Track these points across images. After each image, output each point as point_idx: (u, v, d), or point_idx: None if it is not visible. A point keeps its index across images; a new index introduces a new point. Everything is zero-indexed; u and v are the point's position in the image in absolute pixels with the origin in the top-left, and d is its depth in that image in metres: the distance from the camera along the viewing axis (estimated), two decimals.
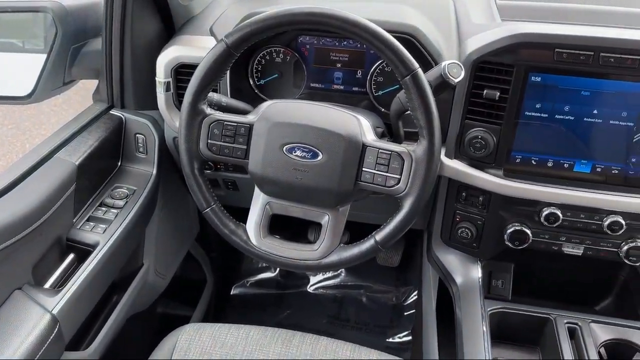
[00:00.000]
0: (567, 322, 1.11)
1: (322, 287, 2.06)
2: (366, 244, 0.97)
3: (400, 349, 1.83)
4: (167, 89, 1.24)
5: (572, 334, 1.10)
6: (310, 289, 2.06)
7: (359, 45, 1.21)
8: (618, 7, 1.19)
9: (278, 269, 2.10)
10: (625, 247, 1.12)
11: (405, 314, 1.92)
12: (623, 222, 1.09)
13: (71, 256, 1.13)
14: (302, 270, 1.67)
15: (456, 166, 1.14)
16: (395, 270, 2.05)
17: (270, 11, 0.92)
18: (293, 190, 0.98)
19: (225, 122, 0.98)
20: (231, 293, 2.05)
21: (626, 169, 1.06)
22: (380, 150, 0.94)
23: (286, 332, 1.10)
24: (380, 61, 1.21)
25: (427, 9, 1.24)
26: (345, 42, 1.22)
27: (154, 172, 1.34)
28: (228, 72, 1.18)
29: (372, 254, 0.97)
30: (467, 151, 1.12)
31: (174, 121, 1.26)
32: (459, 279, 1.25)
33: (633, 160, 1.05)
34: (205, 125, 0.99)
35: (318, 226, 1.02)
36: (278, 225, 1.16)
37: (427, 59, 1.09)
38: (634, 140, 1.04)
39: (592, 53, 0.98)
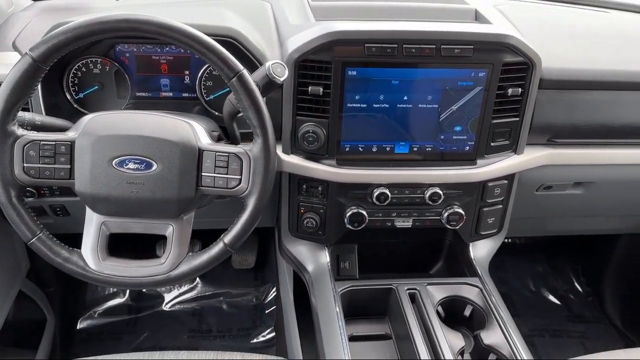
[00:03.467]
0: (408, 289, 1.22)
1: (179, 303, 1.99)
2: (215, 249, 0.97)
3: (266, 346, 1.85)
4: None
5: (413, 298, 1.21)
6: (166, 307, 1.98)
7: (182, 51, 1.20)
8: (418, 3, 1.34)
9: (128, 292, 1.98)
10: (446, 214, 1.27)
11: (267, 312, 1.95)
12: (441, 193, 1.23)
13: None
14: (152, 287, 1.60)
15: (293, 160, 1.19)
16: (253, 271, 2.06)
17: (79, 20, 0.86)
18: (130, 206, 0.94)
19: (42, 142, 0.90)
20: (77, 328, 1.89)
21: (437, 145, 1.20)
22: (217, 153, 0.94)
23: (143, 354, 1.05)
24: (207, 65, 1.21)
25: (246, 12, 1.27)
26: (167, 48, 1.19)
27: None
28: (39, 87, 1.09)
29: (223, 257, 0.97)
30: (301, 145, 1.17)
31: None
32: (310, 267, 1.31)
33: (442, 137, 1.20)
34: (18, 148, 0.90)
35: (165, 239, 0.99)
36: (124, 246, 1.10)
37: (252, 61, 1.12)
38: (440, 119, 1.18)
39: (396, 45, 1.09)
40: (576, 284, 2.08)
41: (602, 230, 1.70)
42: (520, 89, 1.16)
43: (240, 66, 0.90)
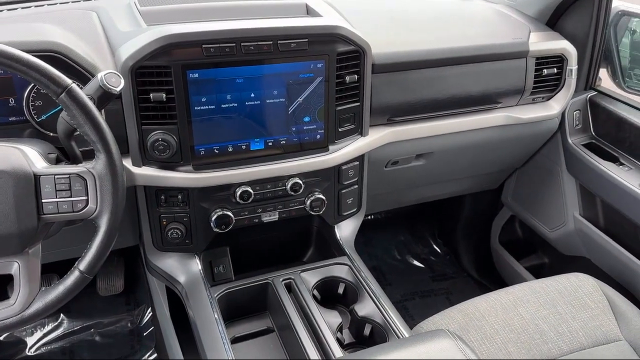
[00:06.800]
0: (283, 280, 1.25)
1: (45, 344, 1.81)
2: (70, 278, 0.90)
3: None
4: None
5: (289, 288, 1.24)
6: (30, 352, 1.79)
7: (1, 72, 1.08)
8: (251, 1, 1.35)
9: None
10: (309, 202, 1.31)
11: (145, 334, 1.86)
12: (301, 182, 1.27)
13: None
14: (5, 332, 1.44)
15: (146, 172, 1.15)
16: (123, 295, 1.95)
17: None
18: None
19: None
20: None
21: (291, 137, 1.24)
22: (56, 176, 0.87)
23: None
24: (32, 84, 1.11)
25: (69, 24, 1.20)
26: None
27: None
28: None
29: (81, 286, 0.91)
30: (153, 155, 1.13)
31: None
32: (182, 279, 1.27)
33: (293, 129, 1.23)
34: None
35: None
36: None
37: (82, 74, 1.06)
38: (289, 112, 1.21)
39: (234, 44, 1.10)
40: (435, 246, 2.28)
41: (447, 194, 1.88)
42: (356, 76, 1.24)
43: (67, 80, 0.85)
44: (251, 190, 1.23)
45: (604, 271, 1.62)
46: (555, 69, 1.53)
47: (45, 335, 1.83)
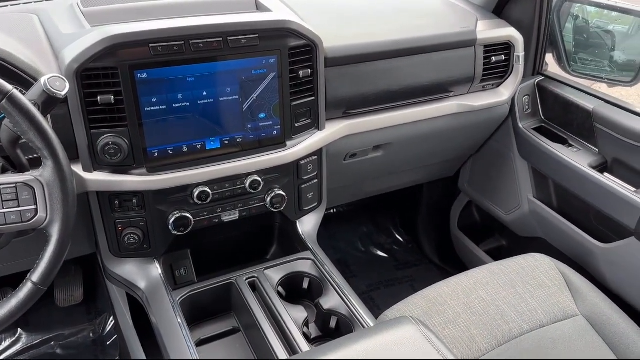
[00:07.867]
0: (247, 278, 1.24)
1: None
2: (23, 291, 0.87)
3: None
4: None
5: (253, 286, 1.24)
6: None
7: None
8: None
9: None
10: (269, 199, 1.30)
11: (108, 343, 1.81)
12: (260, 179, 1.26)
13: None
14: None
15: (98, 177, 1.12)
16: (83, 305, 1.89)
17: None
18: None
19: None
20: None
21: (247, 135, 1.23)
22: (2, 186, 0.84)
23: None
24: None
25: (9, 27, 1.15)
26: None
27: None
28: None
29: (35, 298, 0.88)
30: (104, 160, 1.10)
31: None
32: (142, 284, 1.25)
33: (249, 126, 1.22)
34: None
35: None
36: None
37: (25, 79, 1.02)
38: (244, 109, 1.20)
39: (183, 42, 1.08)
40: (397, 236, 2.31)
41: (406, 183, 1.91)
42: (309, 70, 1.24)
43: (7, 86, 0.81)
44: (209, 190, 1.21)
45: (559, 250, 1.68)
46: (503, 56, 1.57)
47: (3, 351, 1.76)
